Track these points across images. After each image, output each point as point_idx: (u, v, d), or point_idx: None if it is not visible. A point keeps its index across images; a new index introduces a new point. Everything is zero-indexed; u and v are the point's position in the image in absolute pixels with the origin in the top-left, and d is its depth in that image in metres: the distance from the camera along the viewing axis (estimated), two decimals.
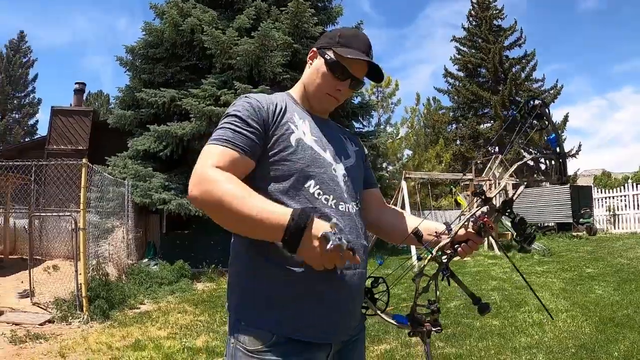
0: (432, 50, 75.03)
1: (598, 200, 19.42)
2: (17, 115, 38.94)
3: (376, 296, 1.53)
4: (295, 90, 1.59)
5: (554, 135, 1.45)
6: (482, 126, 32.64)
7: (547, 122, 1.50)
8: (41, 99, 41.54)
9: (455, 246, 1.45)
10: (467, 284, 1.46)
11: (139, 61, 13.65)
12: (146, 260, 11.00)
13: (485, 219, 1.41)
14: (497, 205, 1.47)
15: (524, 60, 32.26)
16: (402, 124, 30.01)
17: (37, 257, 10.89)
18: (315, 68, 1.51)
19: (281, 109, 1.44)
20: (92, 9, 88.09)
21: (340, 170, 1.48)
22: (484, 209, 1.45)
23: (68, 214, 8.45)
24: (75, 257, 6.67)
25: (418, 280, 1.41)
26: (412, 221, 1.63)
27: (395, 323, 1.47)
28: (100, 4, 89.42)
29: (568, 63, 72.14)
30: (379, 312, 1.50)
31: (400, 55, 76.34)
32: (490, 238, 13.00)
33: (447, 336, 5.01)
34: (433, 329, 1.41)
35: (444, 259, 1.44)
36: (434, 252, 1.43)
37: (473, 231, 1.44)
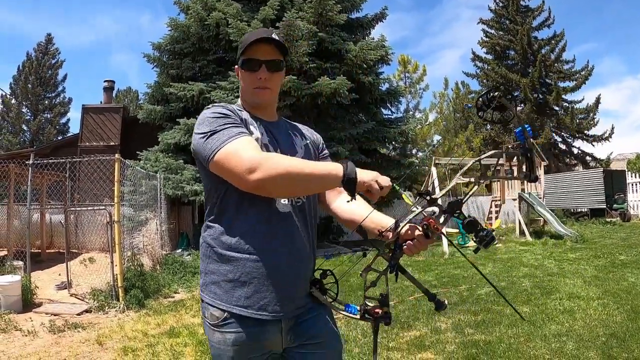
0: (459, 33, 73.83)
1: (632, 185, 18.96)
2: (48, 115, 39.71)
3: (326, 287, 1.63)
4: (239, 104, 1.76)
5: (520, 128, 1.41)
6: None
7: (512, 114, 1.46)
8: (71, 98, 42.94)
9: (401, 243, 1.47)
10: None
11: (166, 57, 13.82)
12: (179, 250, 11.23)
13: (430, 220, 1.41)
14: (444, 206, 1.45)
15: (553, 41, 31.31)
16: (431, 109, 29.64)
17: (74, 250, 11.23)
18: (239, 78, 1.72)
19: (239, 114, 1.61)
20: (114, 8, 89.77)
21: None
22: (433, 209, 1.44)
23: (102, 207, 8.66)
24: (111, 249, 6.85)
25: (365, 275, 1.51)
26: (365, 212, 1.63)
27: (345, 313, 1.58)
28: (122, 2, 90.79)
29: (598, 42, 70.00)
30: (328, 300, 1.61)
31: (426, 39, 75.64)
32: (523, 225, 12.73)
33: (477, 323, 5.00)
34: (382, 321, 1.51)
35: (389, 255, 1.47)
36: (380, 250, 1.49)
37: (420, 232, 1.45)
